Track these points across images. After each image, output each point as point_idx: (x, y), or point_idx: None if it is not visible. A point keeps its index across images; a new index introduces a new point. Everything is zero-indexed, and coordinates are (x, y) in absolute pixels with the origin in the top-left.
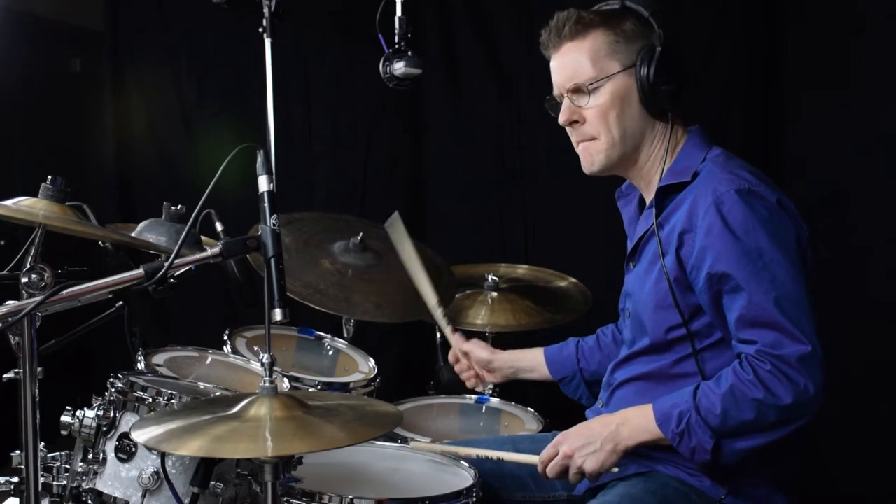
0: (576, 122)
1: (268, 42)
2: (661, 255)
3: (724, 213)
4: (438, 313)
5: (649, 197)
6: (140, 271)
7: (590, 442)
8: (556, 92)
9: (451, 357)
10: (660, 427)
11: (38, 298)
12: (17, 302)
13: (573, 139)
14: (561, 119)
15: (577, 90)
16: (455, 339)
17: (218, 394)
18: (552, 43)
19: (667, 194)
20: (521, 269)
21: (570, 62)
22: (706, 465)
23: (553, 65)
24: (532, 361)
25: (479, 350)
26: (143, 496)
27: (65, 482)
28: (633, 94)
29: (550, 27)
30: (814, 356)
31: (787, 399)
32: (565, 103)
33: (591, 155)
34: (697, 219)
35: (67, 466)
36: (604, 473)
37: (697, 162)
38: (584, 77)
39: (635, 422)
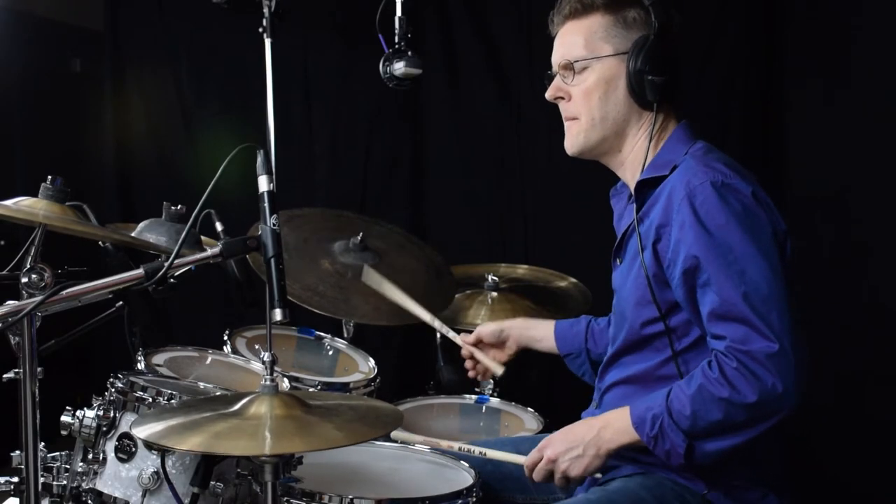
0: (561, 98)
1: (268, 42)
2: (640, 249)
3: (697, 206)
4: (438, 324)
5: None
6: (140, 271)
7: (573, 446)
8: (553, 69)
9: (463, 354)
10: (636, 430)
11: (38, 298)
12: (17, 302)
13: (563, 116)
14: (547, 94)
15: (568, 67)
16: (461, 339)
17: (218, 394)
18: (557, 20)
19: (646, 188)
20: (521, 269)
21: (567, 40)
22: (682, 467)
23: (555, 42)
24: (542, 331)
25: (488, 325)
26: (143, 496)
27: (65, 482)
28: (621, 81)
29: (557, 6)
30: (782, 355)
31: (752, 397)
32: (555, 79)
33: (573, 135)
34: (672, 212)
35: (67, 466)
36: (587, 478)
37: (679, 156)
38: (575, 55)
39: (616, 425)
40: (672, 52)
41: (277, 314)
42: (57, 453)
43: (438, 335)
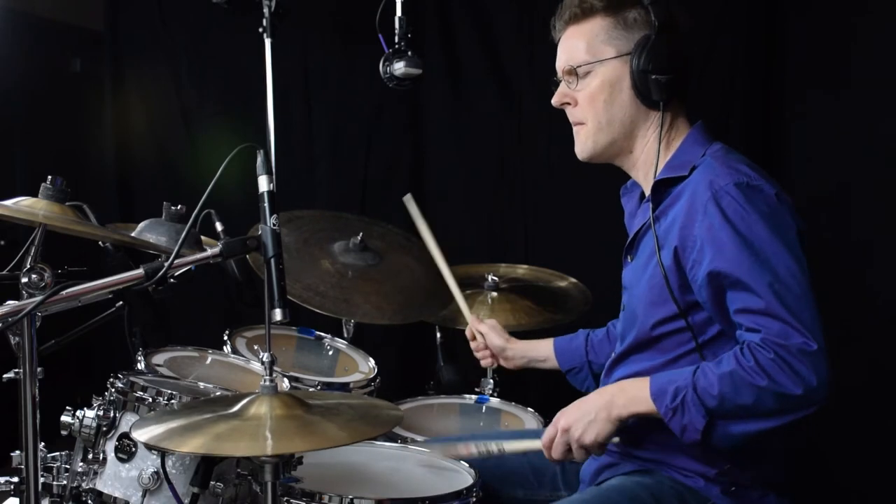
0: (568, 104)
1: (268, 42)
2: (657, 249)
3: (724, 207)
4: (457, 291)
5: (648, 191)
6: (140, 271)
7: (586, 412)
8: (558, 75)
9: (467, 333)
10: (654, 401)
11: (38, 298)
12: (17, 302)
13: (570, 122)
14: (553, 101)
15: (571, 73)
16: (472, 318)
17: (218, 394)
18: (558, 27)
19: (664, 188)
20: (521, 269)
21: (569, 45)
22: (696, 444)
23: (558, 48)
24: (544, 352)
25: (495, 337)
26: (143, 496)
27: (65, 482)
28: (625, 82)
29: (558, 12)
30: (819, 352)
31: (795, 389)
32: (560, 85)
33: (581, 141)
34: (697, 213)
35: (67, 466)
36: (604, 445)
37: (697, 157)
38: (578, 60)
39: (631, 392)
40: (676, 50)
41: (277, 314)
42: (57, 453)
43: (439, 335)
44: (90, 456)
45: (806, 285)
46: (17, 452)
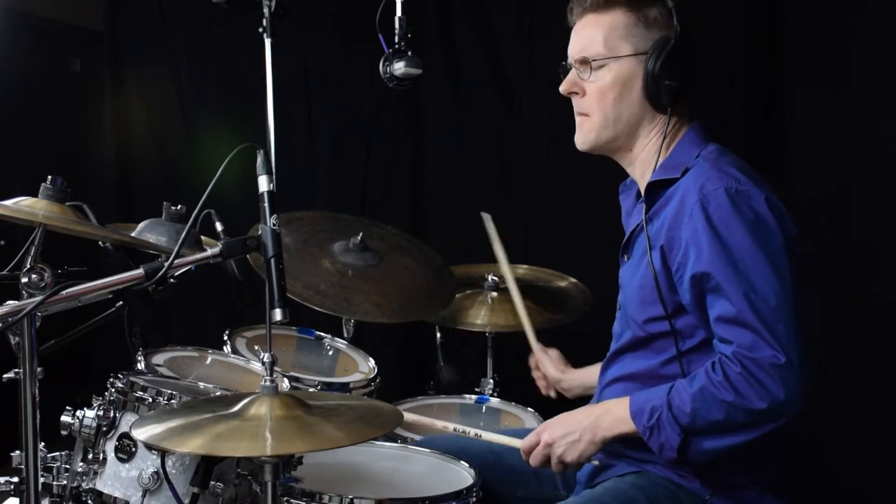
0: (576, 93)
1: (268, 42)
2: (648, 249)
3: (710, 212)
4: (523, 313)
5: (643, 190)
6: (140, 271)
7: (570, 431)
8: (568, 60)
9: (531, 362)
10: (633, 420)
11: (38, 298)
12: (17, 302)
13: (574, 110)
14: (561, 88)
15: (584, 62)
16: (537, 347)
17: (218, 394)
18: (576, 11)
19: (657, 189)
20: (521, 269)
21: (585, 34)
22: (673, 461)
23: (572, 33)
24: (596, 379)
25: (551, 368)
26: (143, 496)
27: (65, 482)
28: (637, 81)
29: None
30: (788, 366)
31: (755, 403)
32: (570, 73)
33: (584, 132)
34: (684, 216)
35: (67, 466)
36: (584, 464)
37: (691, 158)
38: (593, 52)
39: (615, 413)
40: (689, 55)
41: (277, 314)
42: (57, 453)
43: (439, 335)
44: (90, 456)
45: (784, 297)
46: (17, 452)
